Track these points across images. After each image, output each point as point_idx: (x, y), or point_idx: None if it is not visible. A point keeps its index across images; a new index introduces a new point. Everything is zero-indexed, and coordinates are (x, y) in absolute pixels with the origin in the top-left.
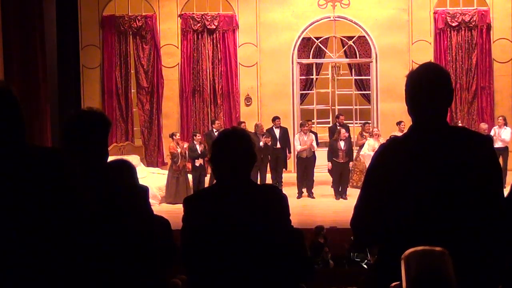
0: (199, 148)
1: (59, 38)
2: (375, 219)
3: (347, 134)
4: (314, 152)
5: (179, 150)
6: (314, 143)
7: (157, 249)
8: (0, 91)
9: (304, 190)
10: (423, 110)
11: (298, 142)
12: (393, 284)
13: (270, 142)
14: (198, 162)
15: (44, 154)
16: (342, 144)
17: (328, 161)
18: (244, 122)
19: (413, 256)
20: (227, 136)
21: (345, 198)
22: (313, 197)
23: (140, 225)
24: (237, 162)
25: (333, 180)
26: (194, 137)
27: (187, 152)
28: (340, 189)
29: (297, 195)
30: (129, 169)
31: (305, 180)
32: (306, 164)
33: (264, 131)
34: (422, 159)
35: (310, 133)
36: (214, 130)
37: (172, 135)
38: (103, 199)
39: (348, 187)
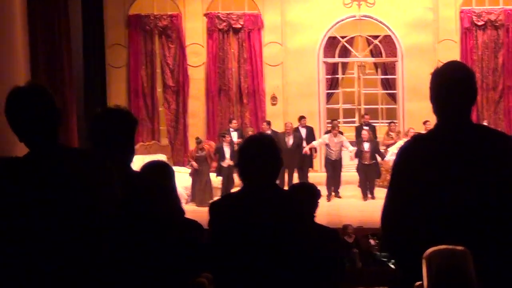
0: (228, 149)
1: (85, 37)
2: (403, 218)
3: (367, 135)
4: (342, 153)
5: (202, 153)
6: (347, 143)
7: (187, 252)
8: (35, 91)
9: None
10: (448, 108)
11: (322, 141)
12: (417, 283)
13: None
14: (225, 164)
15: (80, 156)
16: (366, 145)
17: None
18: (269, 122)
19: (434, 255)
20: (253, 142)
21: (373, 198)
22: (340, 197)
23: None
24: (263, 168)
25: (361, 185)
26: (223, 138)
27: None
28: (367, 189)
29: (326, 198)
30: (166, 170)
31: (333, 181)
32: (334, 166)
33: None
34: (446, 158)
35: (341, 135)
36: (231, 129)
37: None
38: (128, 199)
39: (375, 187)
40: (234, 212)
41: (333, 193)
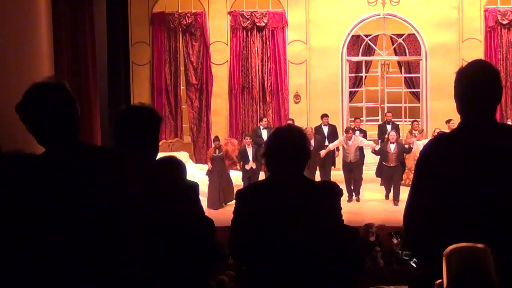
0: (250, 151)
1: (109, 35)
2: (426, 217)
3: (395, 136)
4: (361, 154)
5: (219, 153)
6: (363, 142)
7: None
8: (52, 87)
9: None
10: (472, 107)
11: (339, 142)
12: (438, 281)
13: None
14: (248, 166)
15: (102, 154)
16: (392, 147)
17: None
18: (293, 120)
19: (454, 253)
20: (282, 131)
21: (397, 204)
22: (359, 200)
23: (189, 223)
24: (291, 156)
25: (384, 184)
26: (246, 140)
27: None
28: (391, 193)
29: (347, 198)
30: (178, 166)
31: (353, 182)
32: (351, 168)
33: (313, 133)
34: (470, 157)
35: (357, 137)
36: (261, 127)
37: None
38: (152, 196)
39: (399, 191)
40: (260, 200)
41: (354, 197)
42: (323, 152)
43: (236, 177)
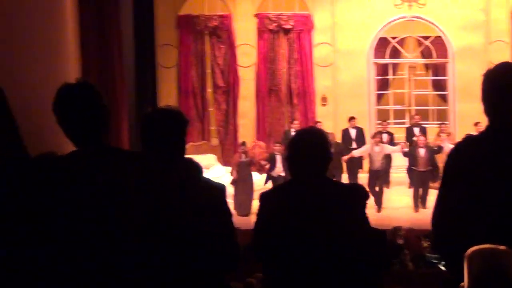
0: (279, 157)
1: (136, 37)
2: (454, 218)
3: (424, 141)
4: (388, 160)
5: (245, 159)
6: (389, 149)
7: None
8: (82, 88)
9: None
10: (499, 109)
11: (365, 150)
12: (462, 284)
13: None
14: (275, 173)
15: (126, 158)
16: (422, 151)
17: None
18: (320, 122)
19: (475, 255)
20: (304, 134)
21: (425, 207)
22: (381, 208)
23: (216, 224)
24: (313, 159)
25: (414, 190)
26: (276, 147)
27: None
28: (420, 198)
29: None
30: (195, 168)
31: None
32: (378, 176)
33: (335, 139)
34: (498, 158)
35: (385, 146)
36: (292, 130)
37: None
38: (179, 197)
39: (428, 195)
40: (284, 201)
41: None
42: (345, 157)
43: (259, 182)
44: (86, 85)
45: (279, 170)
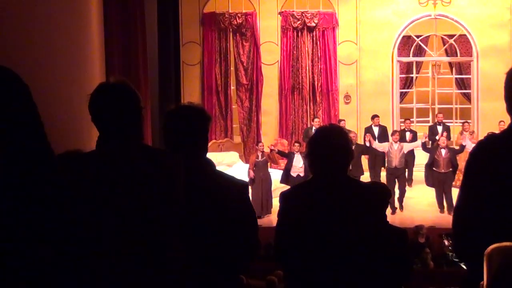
0: (299, 158)
1: (160, 35)
2: (476, 217)
3: (446, 141)
4: (410, 158)
5: (262, 158)
6: (408, 146)
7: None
8: (120, 87)
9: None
10: None
11: (382, 148)
12: (482, 282)
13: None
14: (295, 173)
15: (154, 155)
16: (443, 152)
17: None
18: (343, 120)
19: (495, 252)
20: (324, 132)
21: (450, 213)
22: (402, 210)
23: (237, 220)
24: (334, 157)
25: (436, 192)
26: (294, 147)
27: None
28: (444, 202)
29: (391, 211)
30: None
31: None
32: (396, 175)
33: (356, 140)
34: None
35: (403, 144)
36: (314, 127)
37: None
38: (203, 194)
39: (451, 199)
40: (305, 201)
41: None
42: (367, 143)
43: (276, 181)
44: (124, 84)
45: (298, 169)
